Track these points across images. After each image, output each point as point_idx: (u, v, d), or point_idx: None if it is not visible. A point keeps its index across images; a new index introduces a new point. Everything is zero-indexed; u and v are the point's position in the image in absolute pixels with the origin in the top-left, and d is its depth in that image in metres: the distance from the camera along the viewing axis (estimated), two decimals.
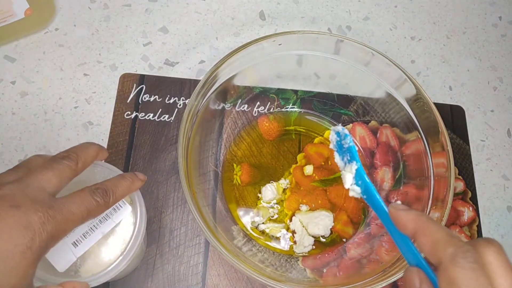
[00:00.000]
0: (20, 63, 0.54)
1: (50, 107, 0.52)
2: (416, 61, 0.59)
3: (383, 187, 0.49)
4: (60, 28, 0.56)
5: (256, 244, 0.46)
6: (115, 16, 0.58)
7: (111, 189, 0.31)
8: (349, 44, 0.46)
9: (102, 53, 0.55)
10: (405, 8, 0.63)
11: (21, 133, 0.50)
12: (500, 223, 0.51)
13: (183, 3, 0.60)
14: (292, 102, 0.53)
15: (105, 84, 0.53)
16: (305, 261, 0.46)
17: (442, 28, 0.62)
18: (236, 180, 0.49)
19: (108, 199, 0.31)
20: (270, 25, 0.59)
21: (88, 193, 0.30)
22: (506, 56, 0.61)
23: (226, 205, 0.48)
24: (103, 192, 0.30)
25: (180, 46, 0.57)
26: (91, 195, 0.30)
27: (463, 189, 0.52)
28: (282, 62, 0.50)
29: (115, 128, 0.51)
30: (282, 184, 0.49)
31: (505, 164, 0.54)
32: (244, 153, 0.50)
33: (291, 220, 0.47)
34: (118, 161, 0.49)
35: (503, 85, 0.59)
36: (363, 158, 0.51)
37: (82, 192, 0.29)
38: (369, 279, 0.39)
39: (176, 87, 0.54)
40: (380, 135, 0.51)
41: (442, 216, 0.40)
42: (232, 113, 0.52)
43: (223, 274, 0.45)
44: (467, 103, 0.57)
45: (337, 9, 0.62)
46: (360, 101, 0.52)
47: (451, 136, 0.54)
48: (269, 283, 0.37)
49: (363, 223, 0.48)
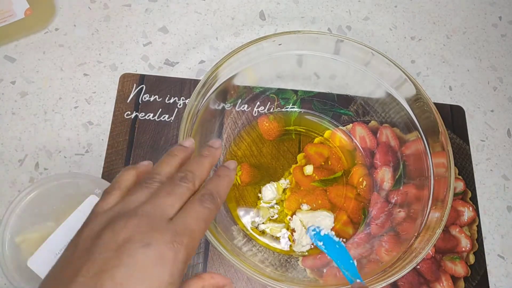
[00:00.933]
0: (20, 63, 0.54)
1: (50, 107, 0.52)
2: (416, 61, 0.59)
3: (383, 187, 0.49)
4: (60, 28, 0.56)
5: (256, 244, 0.46)
6: (115, 16, 0.58)
7: (215, 190, 0.31)
8: (349, 44, 0.46)
9: (102, 53, 0.55)
10: (405, 8, 0.63)
11: (21, 133, 0.50)
12: (500, 223, 0.51)
13: (183, 3, 0.60)
14: (292, 102, 0.53)
15: (105, 84, 0.53)
16: (305, 261, 0.46)
17: (442, 28, 0.62)
18: (236, 180, 0.49)
19: (216, 201, 0.30)
20: (270, 25, 0.59)
21: (198, 203, 0.29)
22: (506, 56, 0.61)
23: (226, 205, 0.48)
24: (211, 197, 0.30)
25: (180, 46, 0.57)
26: (201, 204, 0.29)
27: (463, 189, 0.52)
28: (282, 62, 0.50)
29: (115, 128, 0.51)
30: (282, 184, 0.49)
31: (505, 164, 0.54)
32: (244, 153, 0.50)
33: (292, 218, 0.47)
34: (118, 161, 0.49)
35: (503, 85, 0.59)
36: (363, 158, 0.51)
37: (192, 205, 0.29)
38: (369, 279, 0.39)
39: (176, 87, 0.54)
40: (380, 135, 0.51)
41: (442, 216, 0.40)
42: (232, 113, 0.52)
43: (223, 274, 0.45)
44: (467, 103, 0.57)
45: (337, 9, 0.62)
46: (360, 101, 0.52)
47: (451, 136, 0.54)
48: (269, 283, 0.37)
49: (363, 223, 0.48)
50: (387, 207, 0.48)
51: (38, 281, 0.36)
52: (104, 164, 0.49)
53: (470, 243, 0.49)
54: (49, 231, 0.39)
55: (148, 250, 0.25)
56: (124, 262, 0.24)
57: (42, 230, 0.40)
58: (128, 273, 0.24)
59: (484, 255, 0.49)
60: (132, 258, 0.24)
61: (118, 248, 0.25)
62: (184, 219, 0.28)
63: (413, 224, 0.43)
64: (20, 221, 0.40)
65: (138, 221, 0.26)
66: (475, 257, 0.49)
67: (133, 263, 0.24)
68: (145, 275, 0.24)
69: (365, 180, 0.50)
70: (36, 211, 0.41)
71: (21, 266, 0.38)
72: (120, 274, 0.24)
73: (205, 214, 0.29)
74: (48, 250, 0.38)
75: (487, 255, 0.49)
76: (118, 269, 0.24)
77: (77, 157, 0.49)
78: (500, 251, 0.50)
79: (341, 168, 0.50)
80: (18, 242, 0.40)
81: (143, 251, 0.25)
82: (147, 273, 0.24)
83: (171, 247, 0.25)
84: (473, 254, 0.49)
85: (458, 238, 0.49)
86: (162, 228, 0.26)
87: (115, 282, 0.23)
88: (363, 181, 0.50)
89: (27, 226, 0.40)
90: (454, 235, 0.49)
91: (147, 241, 0.25)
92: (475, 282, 0.47)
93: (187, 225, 0.27)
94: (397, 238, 0.45)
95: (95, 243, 0.25)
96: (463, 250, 0.49)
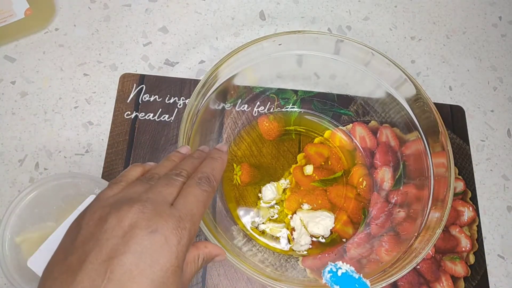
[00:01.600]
0: (20, 63, 0.54)
1: (50, 107, 0.52)
2: (416, 61, 0.59)
3: (383, 187, 0.49)
4: (60, 28, 0.56)
5: (256, 244, 0.46)
6: (115, 16, 0.58)
7: (211, 173, 0.32)
8: (349, 44, 0.46)
9: (102, 53, 0.55)
10: (405, 8, 0.63)
11: (21, 133, 0.50)
12: (500, 223, 0.51)
13: (183, 3, 0.60)
14: (292, 102, 0.53)
15: (105, 84, 0.53)
16: (305, 261, 0.46)
17: (442, 28, 0.62)
18: (236, 180, 0.49)
19: (213, 183, 0.31)
20: (270, 25, 0.59)
21: (195, 186, 0.30)
22: (506, 56, 0.61)
23: (226, 205, 0.48)
24: (207, 180, 0.31)
25: (180, 46, 0.57)
26: (199, 187, 0.30)
27: (463, 189, 0.52)
28: (282, 62, 0.50)
29: (115, 128, 0.51)
30: (282, 184, 0.49)
31: (505, 164, 0.54)
32: (244, 153, 0.50)
33: (292, 217, 0.47)
34: (118, 161, 0.49)
35: (503, 85, 0.59)
36: (363, 158, 0.51)
37: (191, 188, 0.30)
38: (369, 279, 0.39)
39: (176, 87, 0.54)
40: (380, 135, 0.51)
41: (442, 216, 0.40)
42: (232, 113, 0.52)
43: (223, 274, 0.45)
44: (467, 103, 0.57)
45: (337, 9, 0.62)
46: (360, 101, 0.52)
47: (451, 136, 0.54)
48: (269, 283, 0.37)
49: (363, 223, 0.48)
50: (387, 207, 0.48)
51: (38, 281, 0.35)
52: (104, 164, 0.49)
53: (470, 243, 0.49)
54: (49, 231, 0.39)
55: (154, 236, 0.25)
56: (132, 249, 0.25)
57: (42, 230, 0.40)
58: (136, 259, 0.24)
59: (484, 255, 0.49)
60: (139, 245, 0.25)
61: (124, 234, 0.25)
62: (185, 204, 0.28)
63: (413, 224, 0.43)
64: (20, 221, 0.40)
65: (142, 206, 0.27)
66: (475, 257, 0.49)
67: (140, 249, 0.25)
68: (153, 260, 0.25)
69: (365, 180, 0.50)
70: (36, 211, 0.41)
71: (21, 266, 0.38)
72: (129, 260, 0.24)
73: (203, 197, 0.30)
74: (48, 250, 0.38)
75: (487, 255, 0.49)
76: (126, 256, 0.24)
77: (77, 157, 0.49)
78: (500, 251, 0.50)
79: (341, 168, 0.50)
80: (18, 242, 0.40)
81: (149, 237, 0.25)
82: (154, 259, 0.25)
83: (175, 233, 0.26)
84: (473, 254, 0.49)
85: (458, 238, 0.49)
86: (166, 214, 0.27)
87: (124, 268, 0.24)
88: (363, 181, 0.50)
89: (27, 226, 0.40)
90: (454, 235, 0.49)
91: (153, 227, 0.26)
92: (475, 282, 0.47)
93: (188, 210, 0.28)
94: (397, 238, 0.45)
95: (101, 229, 0.26)
96: (463, 250, 0.49)
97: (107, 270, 0.24)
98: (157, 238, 0.25)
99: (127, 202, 0.27)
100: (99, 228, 0.26)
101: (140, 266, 0.24)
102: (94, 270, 0.24)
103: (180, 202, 0.29)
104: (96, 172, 0.49)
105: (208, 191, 0.31)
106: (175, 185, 0.30)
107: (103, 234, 0.25)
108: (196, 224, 0.29)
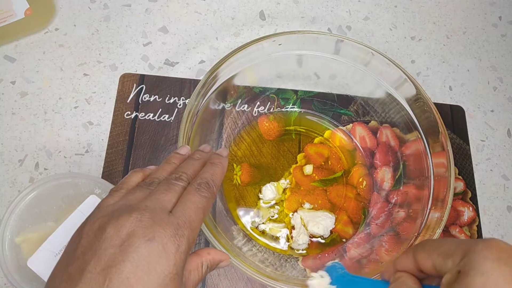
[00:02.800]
0: (20, 63, 0.54)
1: (50, 107, 0.52)
2: (416, 61, 0.59)
3: (383, 187, 0.49)
4: (60, 28, 0.56)
5: (256, 244, 0.46)
6: (115, 16, 0.58)
7: (211, 179, 0.32)
8: (349, 44, 0.46)
9: (102, 53, 0.55)
10: (405, 8, 0.63)
11: (21, 133, 0.50)
12: (500, 223, 0.51)
13: (183, 3, 0.60)
14: (292, 102, 0.53)
15: (105, 84, 0.53)
16: (305, 261, 0.46)
17: (442, 28, 0.62)
18: (236, 180, 0.49)
19: (212, 189, 0.31)
20: (270, 25, 0.59)
21: (194, 192, 0.30)
22: (506, 56, 0.61)
23: (226, 205, 0.48)
24: (206, 186, 0.31)
25: (180, 46, 0.57)
26: (198, 193, 0.30)
27: (463, 189, 0.52)
28: (282, 62, 0.50)
29: (115, 128, 0.51)
30: (282, 184, 0.49)
31: (505, 164, 0.54)
32: (244, 153, 0.50)
33: (293, 215, 0.47)
34: (118, 161, 0.49)
35: (503, 85, 0.59)
36: (363, 158, 0.51)
37: (190, 195, 0.30)
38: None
39: (176, 87, 0.54)
40: (380, 135, 0.51)
41: (442, 216, 0.40)
42: (232, 113, 0.52)
43: (223, 274, 0.45)
44: (467, 103, 0.57)
45: (337, 9, 0.61)
46: (360, 101, 0.52)
47: (451, 136, 0.54)
48: (269, 283, 0.37)
49: (363, 223, 0.48)
50: (387, 207, 0.48)
51: (38, 281, 0.36)
52: (104, 164, 0.49)
53: None
54: (49, 231, 0.39)
55: (152, 244, 0.25)
56: (130, 257, 0.25)
57: (42, 230, 0.40)
58: (134, 268, 0.24)
59: None
60: (137, 253, 0.25)
61: (122, 243, 0.25)
62: (184, 211, 0.28)
63: (413, 224, 0.43)
64: (20, 221, 0.40)
65: (140, 215, 0.27)
66: None
67: (138, 257, 0.25)
68: (150, 268, 0.25)
69: (365, 180, 0.50)
70: (36, 211, 0.41)
71: (21, 266, 0.38)
72: (126, 269, 0.24)
73: (202, 203, 0.30)
74: (48, 250, 0.38)
75: None
76: (124, 264, 0.24)
77: (77, 157, 0.49)
78: None
79: (341, 168, 0.50)
80: (18, 242, 0.40)
81: (147, 246, 0.25)
82: (151, 266, 0.25)
83: (173, 240, 0.26)
84: None
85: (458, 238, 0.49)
86: (164, 222, 0.27)
87: (122, 277, 0.24)
88: (363, 181, 0.50)
89: (27, 226, 0.40)
90: (454, 235, 0.49)
91: (150, 235, 0.26)
92: None
93: (187, 217, 0.28)
94: (397, 238, 0.45)
95: (100, 239, 0.26)
96: None
97: (106, 279, 0.24)
98: (154, 246, 0.25)
99: (125, 210, 0.27)
100: (98, 238, 0.26)
101: (138, 274, 0.24)
102: (93, 279, 0.24)
103: (178, 209, 0.28)
104: (96, 172, 0.49)
105: (207, 197, 0.30)
106: (175, 190, 0.30)
107: (101, 244, 0.25)
108: (195, 230, 0.28)
